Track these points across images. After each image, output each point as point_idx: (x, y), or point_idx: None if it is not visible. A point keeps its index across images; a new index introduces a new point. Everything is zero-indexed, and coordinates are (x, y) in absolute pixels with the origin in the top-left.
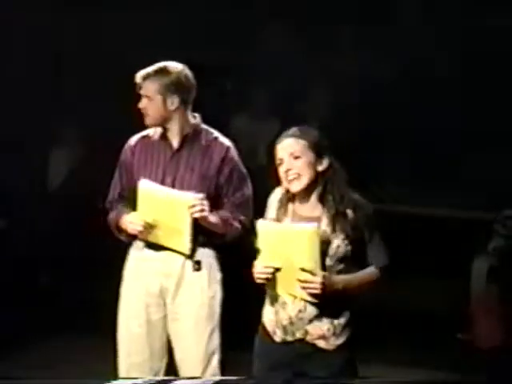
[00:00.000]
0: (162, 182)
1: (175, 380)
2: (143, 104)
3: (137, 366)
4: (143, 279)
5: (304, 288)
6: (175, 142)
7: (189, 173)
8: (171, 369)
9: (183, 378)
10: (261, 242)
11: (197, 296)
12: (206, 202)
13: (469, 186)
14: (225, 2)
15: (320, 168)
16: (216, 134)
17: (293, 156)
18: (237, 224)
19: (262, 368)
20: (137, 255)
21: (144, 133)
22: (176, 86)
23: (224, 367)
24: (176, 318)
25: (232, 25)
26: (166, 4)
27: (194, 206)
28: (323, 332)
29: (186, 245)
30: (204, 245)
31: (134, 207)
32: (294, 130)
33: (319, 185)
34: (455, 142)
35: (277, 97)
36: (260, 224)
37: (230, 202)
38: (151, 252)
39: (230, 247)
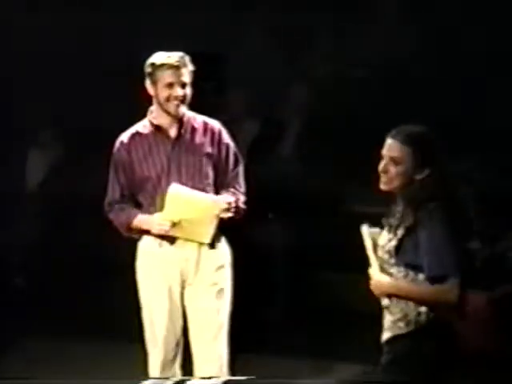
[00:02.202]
0: (168, 170)
1: (189, 380)
2: (183, 92)
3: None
4: (162, 268)
5: None
6: (173, 131)
7: (191, 156)
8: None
9: (198, 378)
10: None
11: (213, 273)
12: (232, 203)
13: None
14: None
15: (418, 177)
16: (202, 117)
17: (393, 160)
18: (242, 206)
19: None
20: (151, 248)
21: (133, 129)
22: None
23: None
24: (196, 294)
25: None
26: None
27: (223, 209)
28: None
29: (207, 236)
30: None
31: (137, 203)
32: (405, 131)
33: (412, 191)
34: None
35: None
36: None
37: (230, 177)
38: (167, 243)
39: None
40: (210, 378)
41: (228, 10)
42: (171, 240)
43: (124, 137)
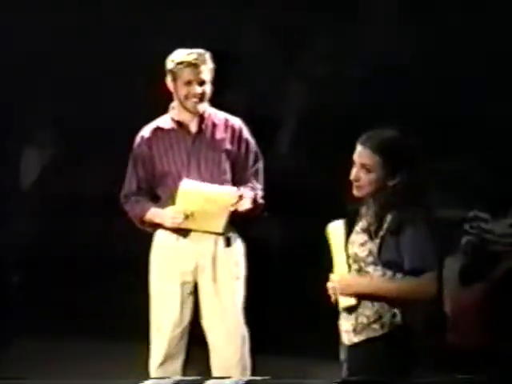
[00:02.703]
0: (188, 165)
1: (207, 380)
2: (201, 89)
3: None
4: (177, 262)
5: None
6: (193, 127)
7: (211, 152)
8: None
9: (213, 378)
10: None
11: (230, 268)
12: (245, 194)
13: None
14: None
15: (391, 183)
16: (223, 113)
17: (364, 168)
18: (261, 201)
19: None
20: (165, 241)
21: (153, 124)
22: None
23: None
24: (213, 290)
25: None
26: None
27: (236, 201)
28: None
29: (220, 227)
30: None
31: (154, 197)
32: (375, 138)
33: (386, 196)
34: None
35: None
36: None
37: (250, 174)
38: (181, 236)
39: None
40: (221, 378)
41: (227, 8)
42: (185, 233)
43: (145, 132)
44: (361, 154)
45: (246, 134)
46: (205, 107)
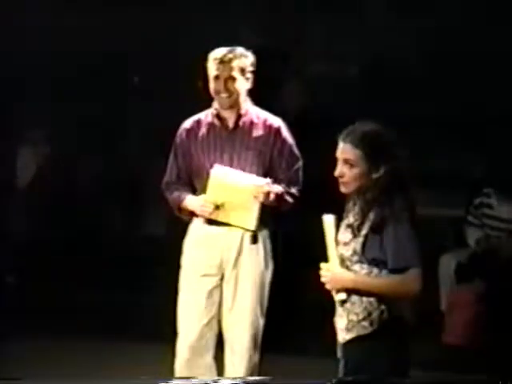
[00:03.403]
0: (221, 160)
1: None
2: (230, 85)
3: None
4: (205, 253)
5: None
6: (230, 122)
7: (244, 150)
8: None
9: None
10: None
11: (254, 266)
12: (272, 186)
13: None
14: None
15: (375, 176)
16: (265, 113)
17: (347, 163)
18: (289, 198)
19: None
20: (198, 231)
21: (196, 117)
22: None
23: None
24: (234, 287)
25: None
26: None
27: (263, 191)
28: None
29: (252, 222)
30: (259, 219)
31: (193, 188)
32: (355, 132)
33: (372, 190)
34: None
35: None
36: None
37: (283, 175)
38: (213, 228)
39: None
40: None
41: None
42: (216, 225)
43: (187, 123)
44: (342, 149)
45: (285, 134)
46: (239, 104)
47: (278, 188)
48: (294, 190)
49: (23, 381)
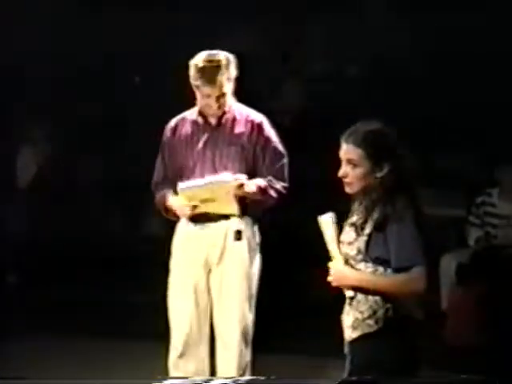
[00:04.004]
0: (203, 157)
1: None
2: (226, 89)
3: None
4: (191, 251)
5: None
6: (213, 120)
7: (227, 146)
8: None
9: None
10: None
11: (237, 263)
12: (242, 177)
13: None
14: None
15: (379, 175)
16: (248, 109)
17: (350, 163)
18: (273, 192)
19: None
20: (184, 231)
21: (181, 115)
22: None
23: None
24: (219, 283)
25: None
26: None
27: (237, 185)
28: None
29: (234, 207)
30: (243, 215)
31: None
32: (357, 132)
33: (376, 189)
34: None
35: None
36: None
37: (267, 171)
38: (198, 227)
39: None
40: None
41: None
42: (200, 224)
43: (172, 122)
44: (345, 150)
45: (267, 130)
46: (225, 104)
47: (260, 182)
48: (278, 186)
49: (26, 380)
